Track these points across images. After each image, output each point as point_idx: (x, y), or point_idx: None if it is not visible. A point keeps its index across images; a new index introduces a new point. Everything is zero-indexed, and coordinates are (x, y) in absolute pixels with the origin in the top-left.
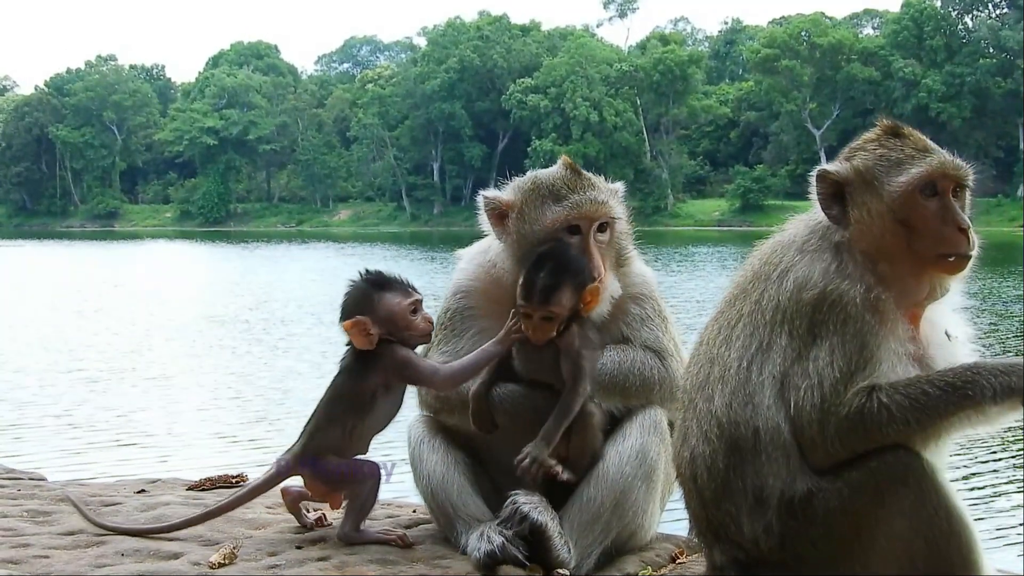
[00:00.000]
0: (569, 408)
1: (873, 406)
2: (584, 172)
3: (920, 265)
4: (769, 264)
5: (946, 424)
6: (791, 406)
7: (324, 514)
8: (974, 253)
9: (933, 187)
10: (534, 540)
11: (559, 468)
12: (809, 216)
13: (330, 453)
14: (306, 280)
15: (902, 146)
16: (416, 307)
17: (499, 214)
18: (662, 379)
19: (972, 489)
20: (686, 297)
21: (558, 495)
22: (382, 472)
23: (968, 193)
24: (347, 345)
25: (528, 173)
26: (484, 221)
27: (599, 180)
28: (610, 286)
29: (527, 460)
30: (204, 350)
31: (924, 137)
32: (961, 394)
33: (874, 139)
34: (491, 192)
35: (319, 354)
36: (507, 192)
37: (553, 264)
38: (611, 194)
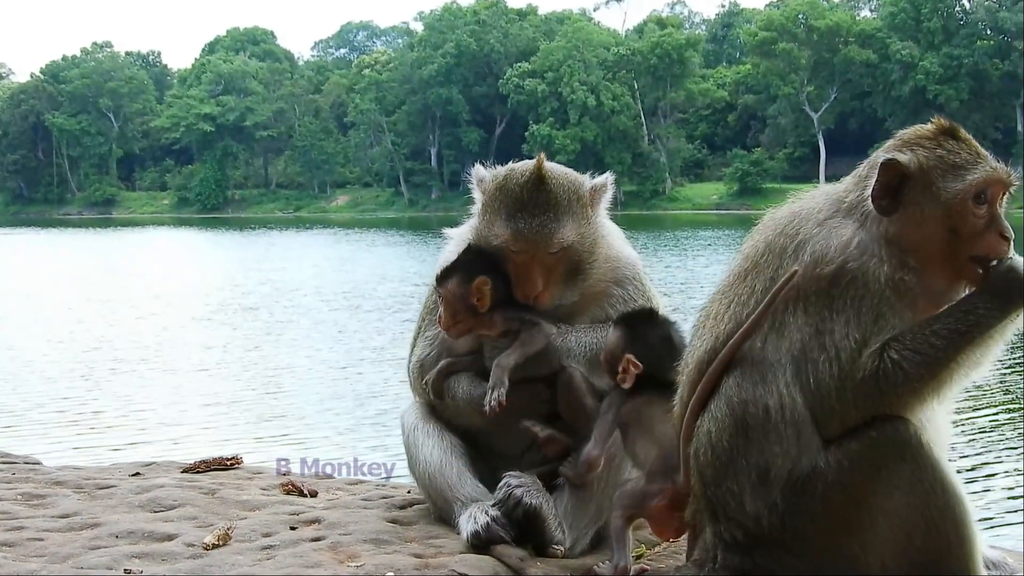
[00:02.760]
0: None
1: (887, 366)
2: (551, 183)
3: (952, 270)
4: (784, 236)
5: (959, 366)
6: (810, 380)
7: None
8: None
9: (985, 194)
10: (528, 522)
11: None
12: (833, 190)
13: None
14: (309, 267)
15: (958, 150)
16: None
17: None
18: None
19: (968, 469)
20: (690, 282)
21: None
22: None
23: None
24: None
25: (507, 166)
26: (475, 191)
27: (566, 190)
28: (558, 296)
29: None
30: (208, 338)
31: (975, 141)
32: (968, 337)
33: (930, 137)
34: (482, 172)
35: (332, 340)
36: (488, 178)
37: (465, 251)
38: (571, 209)
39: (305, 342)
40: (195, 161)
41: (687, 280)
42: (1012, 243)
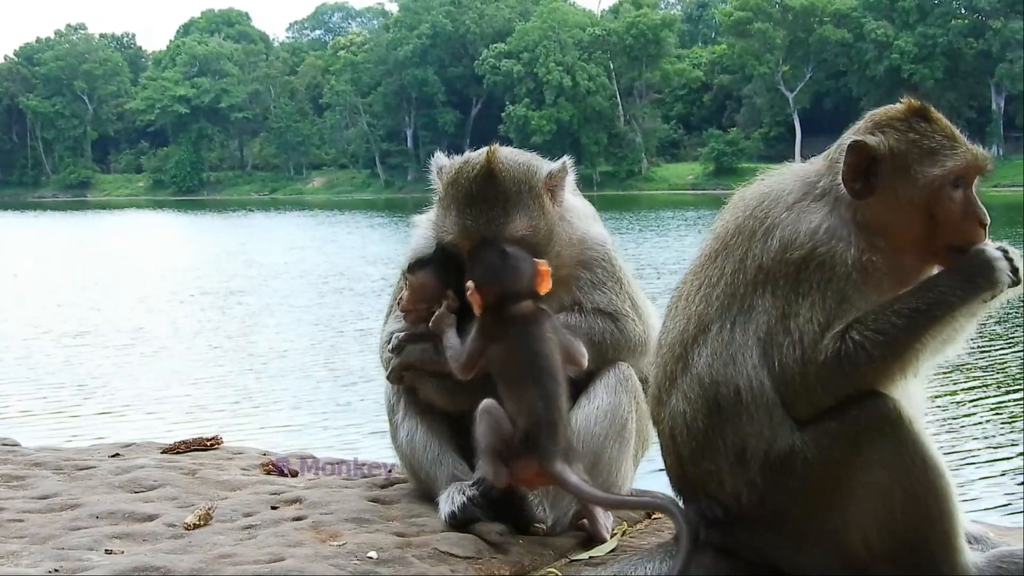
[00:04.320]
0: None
1: (849, 347)
2: (500, 176)
3: (927, 254)
4: (754, 218)
5: (922, 346)
6: (775, 364)
7: None
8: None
9: (962, 179)
10: (508, 502)
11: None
12: (802, 170)
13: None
14: (294, 250)
15: (932, 132)
16: None
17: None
18: (615, 342)
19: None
20: (679, 262)
21: None
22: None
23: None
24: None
25: (463, 156)
26: (434, 181)
27: (518, 181)
28: None
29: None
30: (192, 321)
31: (947, 121)
32: (929, 316)
33: (902, 119)
34: (442, 161)
35: (321, 323)
36: (445, 168)
37: (439, 248)
38: (522, 201)
39: (293, 325)
40: (170, 143)
41: (676, 260)
42: (988, 228)
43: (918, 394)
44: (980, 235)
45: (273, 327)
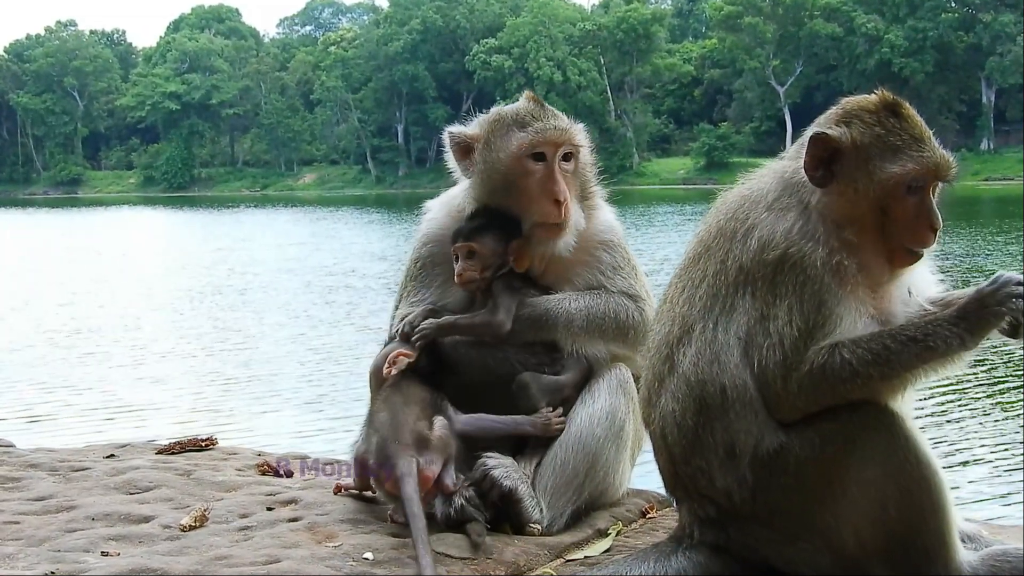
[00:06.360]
0: (474, 321)
1: (835, 362)
2: (547, 105)
3: (886, 253)
4: (735, 220)
5: (909, 376)
6: (755, 365)
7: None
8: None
9: (917, 184)
10: (504, 503)
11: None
12: (780, 168)
13: None
14: (296, 246)
15: (900, 130)
16: None
17: (464, 148)
18: (636, 323)
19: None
20: (659, 257)
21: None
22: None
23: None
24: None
25: (492, 109)
26: (450, 158)
27: (562, 114)
28: (575, 216)
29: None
30: (179, 318)
31: (921, 120)
32: (923, 346)
33: (872, 112)
34: (456, 127)
35: (329, 320)
36: (472, 127)
37: (486, 211)
38: (575, 126)
39: (288, 323)
40: (161, 140)
41: (677, 256)
42: (939, 234)
43: (909, 392)
44: (929, 240)
45: (269, 325)
